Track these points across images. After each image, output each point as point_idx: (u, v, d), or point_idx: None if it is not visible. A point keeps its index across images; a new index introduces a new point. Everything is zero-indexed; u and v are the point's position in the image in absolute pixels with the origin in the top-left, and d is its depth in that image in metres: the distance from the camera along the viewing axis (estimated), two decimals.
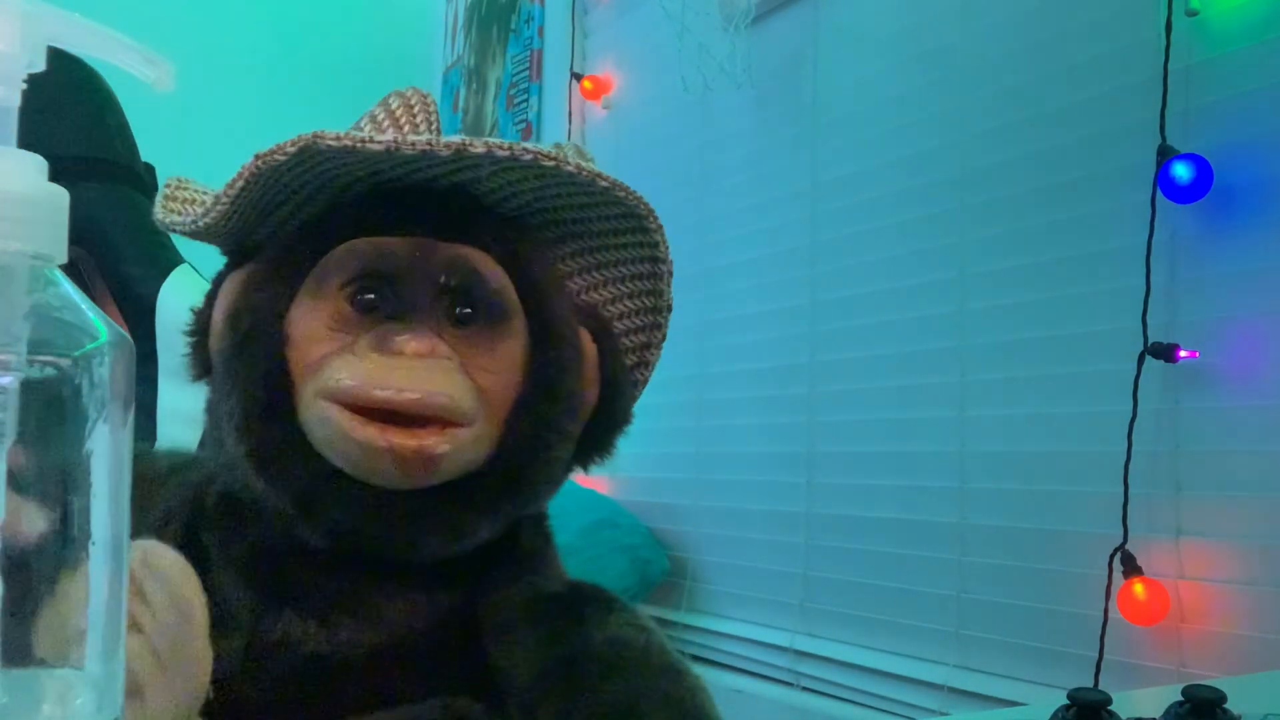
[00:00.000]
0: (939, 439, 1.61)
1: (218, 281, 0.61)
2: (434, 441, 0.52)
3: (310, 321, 0.55)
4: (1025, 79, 1.52)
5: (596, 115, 2.53)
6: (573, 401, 0.59)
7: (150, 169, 1.15)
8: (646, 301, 0.64)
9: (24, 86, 0.32)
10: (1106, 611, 1.30)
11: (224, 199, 0.54)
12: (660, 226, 0.60)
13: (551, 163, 0.53)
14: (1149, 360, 1.29)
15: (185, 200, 0.59)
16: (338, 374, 0.52)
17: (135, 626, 0.48)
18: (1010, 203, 1.52)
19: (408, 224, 0.56)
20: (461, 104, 3.23)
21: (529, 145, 0.53)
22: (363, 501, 0.54)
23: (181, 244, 1.09)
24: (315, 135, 0.51)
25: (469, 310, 0.56)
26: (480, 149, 0.52)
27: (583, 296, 0.64)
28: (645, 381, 0.66)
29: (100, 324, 0.32)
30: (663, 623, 2.11)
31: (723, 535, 2.05)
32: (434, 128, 0.61)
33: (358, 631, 0.55)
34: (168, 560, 0.50)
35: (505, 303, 0.57)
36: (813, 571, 1.83)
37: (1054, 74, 1.48)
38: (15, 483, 0.31)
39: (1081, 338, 1.41)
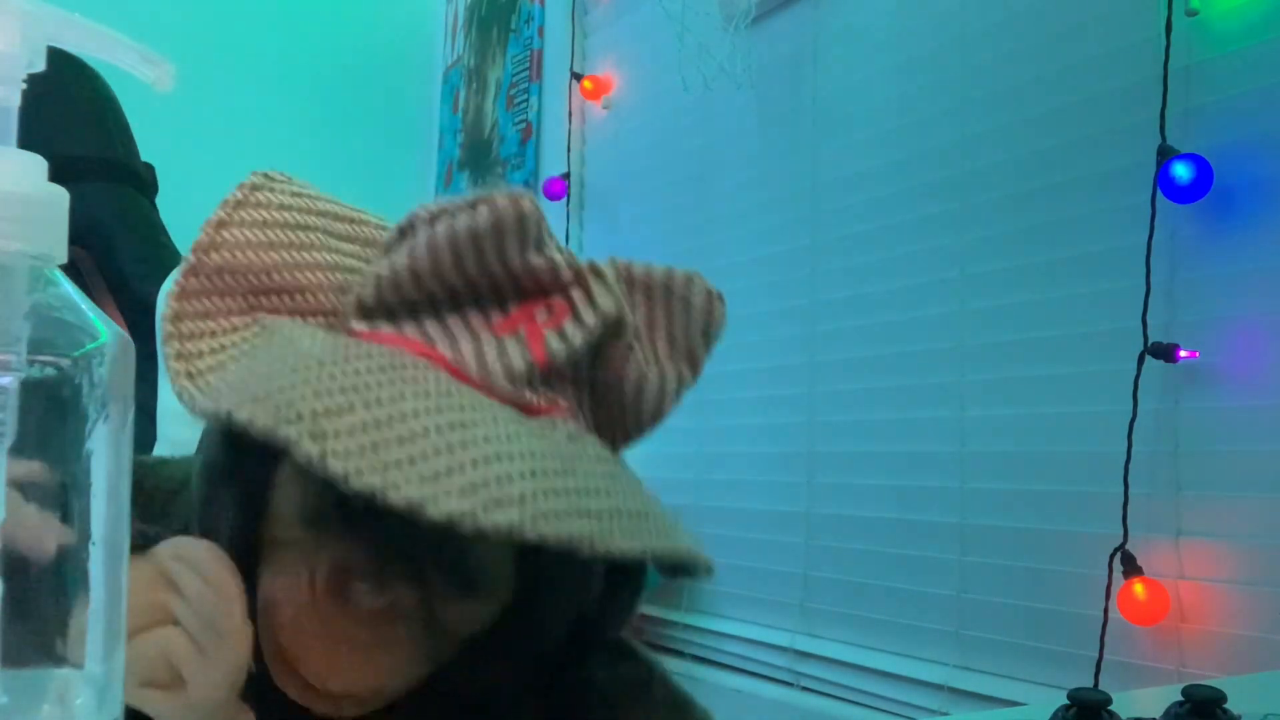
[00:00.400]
0: (939, 439, 1.61)
1: None
2: (348, 711, 0.49)
3: (290, 506, 0.48)
4: (1025, 79, 1.52)
5: (596, 115, 2.53)
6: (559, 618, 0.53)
7: (150, 168, 1.15)
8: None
9: (24, 86, 0.32)
10: (1106, 611, 1.30)
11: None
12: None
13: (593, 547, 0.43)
14: (1149, 360, 1.29)
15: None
16: (281, 626, 0.47)
17: (170, 620, 0.45)
18: (1010, 203, 1.52)
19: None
20: (461, 104, 3.23)
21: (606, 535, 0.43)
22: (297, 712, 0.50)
23: (181, 243, 1.09)
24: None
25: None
26: (549, 535, 0.39)
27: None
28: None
29: (100, 324, 0.32)
30: (663, 623, 2.11)
31: (723, 535, 2.04)
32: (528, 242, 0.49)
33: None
34: (198, 546, 0.47)
35: (494, 579, 0.49)
36: (813, 571, 1.83)
37: (1054, 74, 1.48)
38: (15, 483, 0.31)
39: (1081, 338, 1.41)
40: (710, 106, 2.10)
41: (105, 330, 0.32)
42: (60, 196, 0.32)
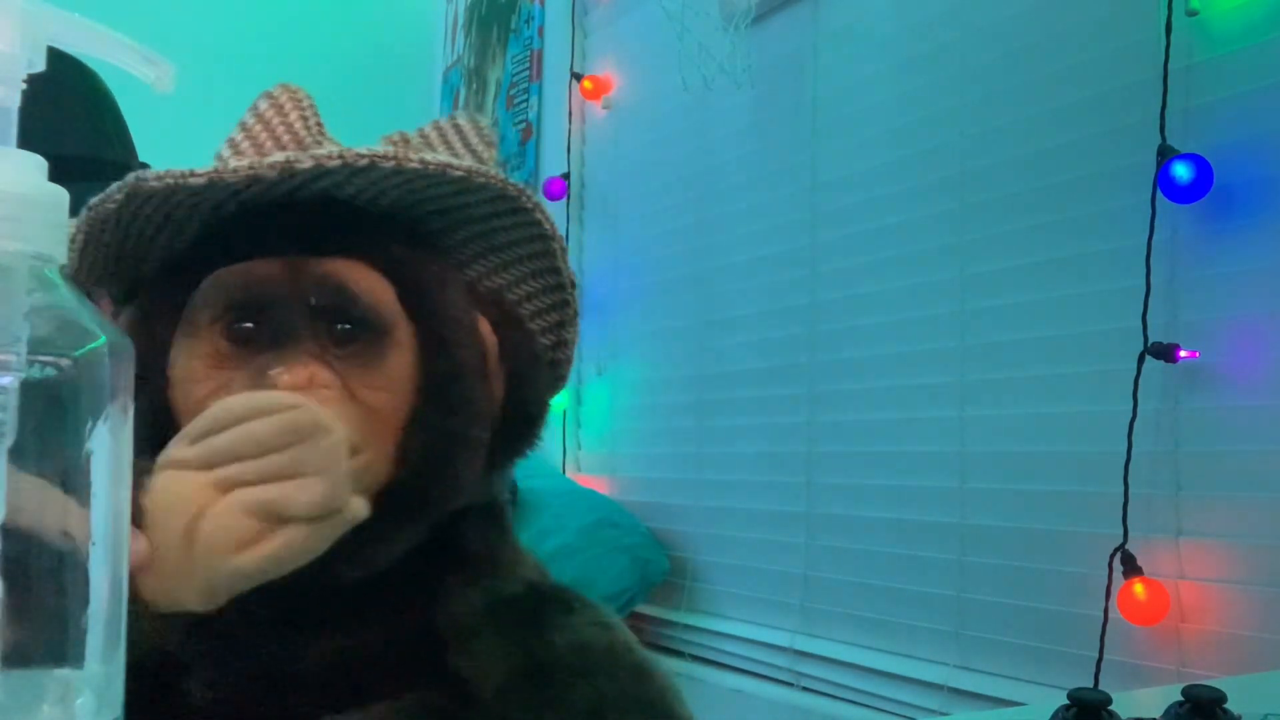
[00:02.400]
0: (939, 439, 1.61)
1: (115, 319, 0.59)
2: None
3: (189, 361, 0.53)
4: (1025, 79, 1.52)
5: (596, 115, 2.53)
6: (472, 408, 0.56)
7: (146, 168, 1.15)
8: (549, 280, 0.61)
9: (24, 87, 0.32)
10: (1106, 611, 1.30)
11: (71, 252, 0.52)
12: (538, 204, 0.57)
13: (391, 162, 0.51)
14: (1149, 360, 1.29)
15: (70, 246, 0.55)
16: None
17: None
18: (1010, 203, 1.52)
19: (275, 244, 0.54)
20: (461, 104, 3.23)
21: (369, 149, 0.52)
22: None
23: None
24: (138, 177, 0.50)
25: (348, 326, 0.53)
26: (308, 164, 0.49)
27: (484, 283, 0.61)
28: (567, 361, 0.64)
29: (100, 324, 0.32)
30: (663, 623, 2.11)
31: (723, 535, 2.04)
32: (310, 122, 0.59)
33: (315, 643, 0.55)
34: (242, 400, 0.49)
35: (380, 316, 0.54)
36: (813, 571, 1.83)
37: (1054, 74, 1.47)
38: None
39: (1081, 338, 1.41)
40: (710, 106, 2.10)
41: (104, 331, 0.32)
42: (60, 196, 0.32)
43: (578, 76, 2.56)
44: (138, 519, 0.44)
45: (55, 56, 0.33)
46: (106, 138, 1.09)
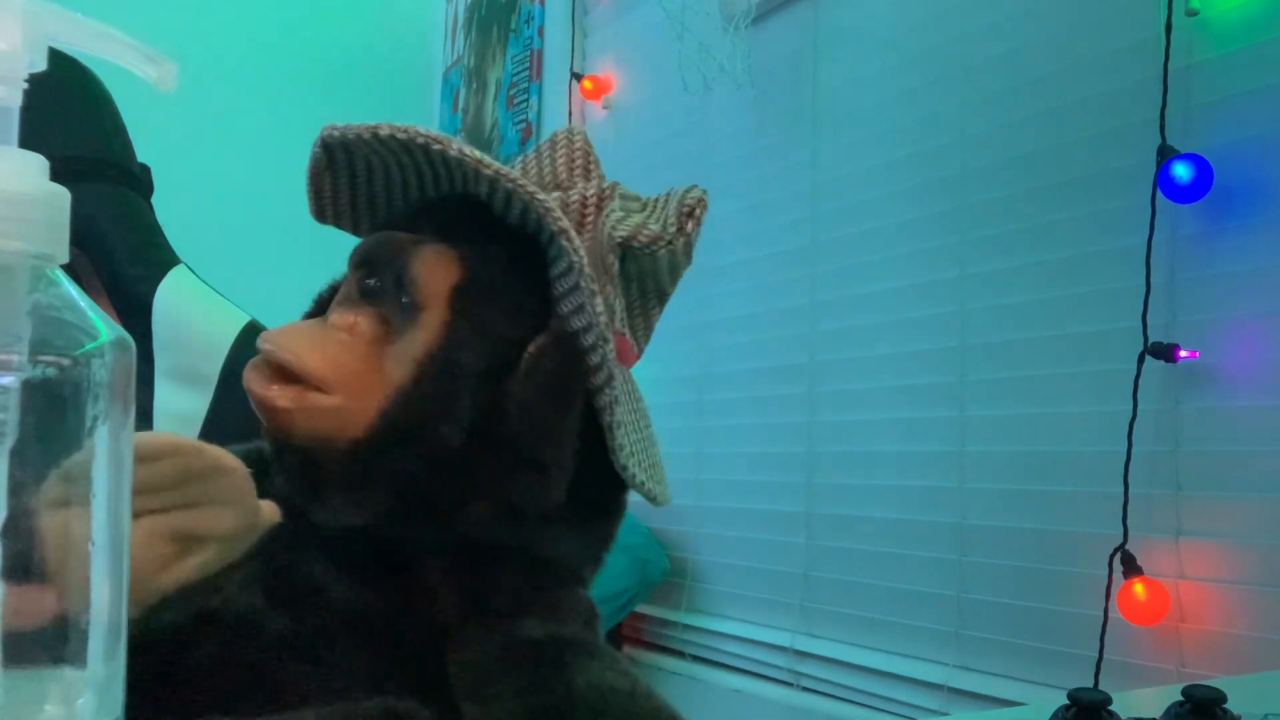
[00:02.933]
0: (939, 439, 1.61)
1: None
2: (278, 394, 0.56)
3: (339, 297, 0.63)
4: (1025, 79, 1.52)
5: (596, 115, 2.53)
6: (449, 405, 0.57)
7: (146, 169, 1.14)
8: (585, 320, 0.60)
9: (25, 86, 0.32)
10: (1106, 611, 1.30)
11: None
12: (576, 247, 0.59)
13: (509, 186, 0.59)
14: (1149, 360, 1.29)
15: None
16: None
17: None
18: (1010, 203, 1.52)
19: (420, 224, 0.62)
20: (461, 104, 3.23)
21: (500, 168, 0.58)
22: (284, 457, 0.59)
23: (177, 244, 1.09)
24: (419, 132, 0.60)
25: (408, 300, 0.59)
26: (453, 151, 0.60)
27: (569, 323, 0.60)
28: (610, 405, 0.61)
29: (101, 324, 0.32)
30: (663, 623, 2.11)
31: (723, 535, 2.04)
32: (575, 163, 0.69)
33: (308, 611, 0.57)
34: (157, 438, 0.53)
35: (419, 294, 0.59)
36: (813, 571, 1.83)
37: (1054, 74, 1.48)
38: (15, 483, 0.31)
39: (1081, 338, 1.41)
40: (710, 106, 2.10)
41: (106, 330, 0.32)
42: (62, 197, 0.32)
43: (578, 76, 2.56)
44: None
45: (52, 56, 0.33)
46: (104, 138, 1.09)
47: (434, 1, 3.47)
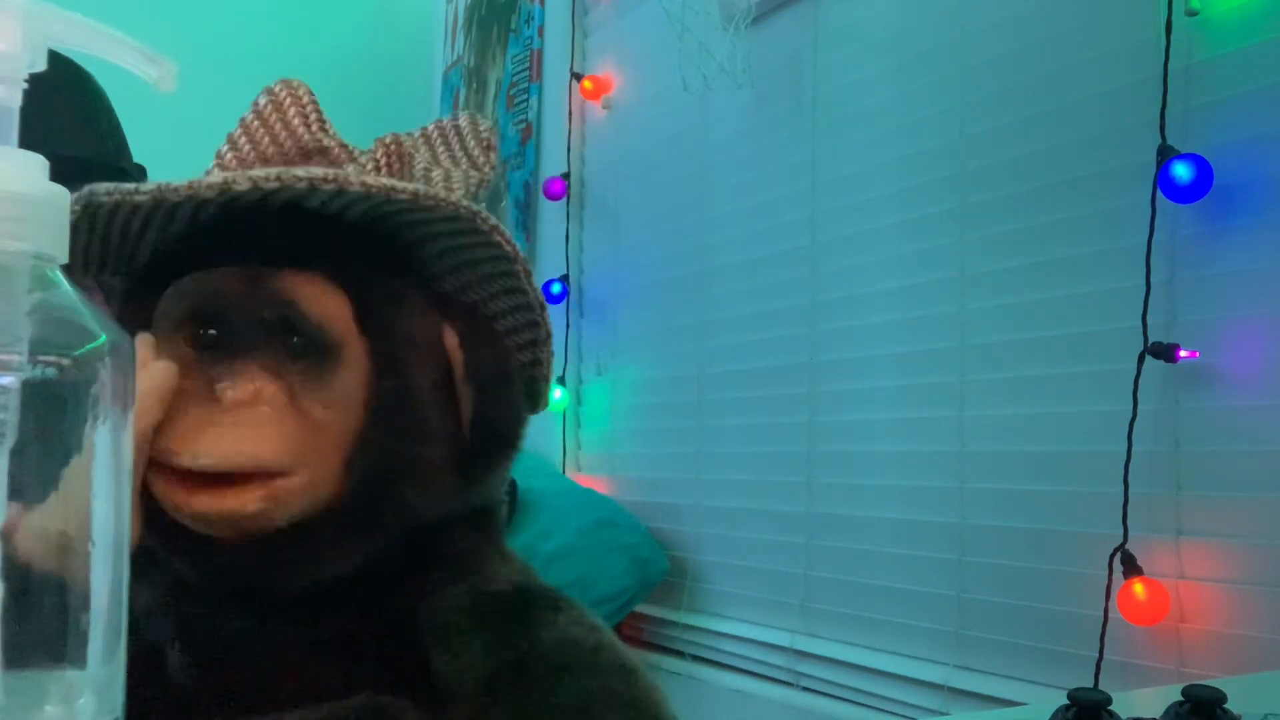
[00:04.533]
0: (939, 439, 1.61)
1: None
2: (245, 501, 0.51)
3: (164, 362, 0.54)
4: (1025, 79, 1.52)
5: (596, 115, 2.53)
6: (422, 428, 0.56)
7: (141, 170, 1.14)
8: (518, 299, 0.60)
9: (25, 86, 0.32)
10: (1106, 611, 1.30)
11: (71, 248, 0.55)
12: (495, 226, 0.56)
13: (332, 185, 0.51)
14: (1149, 360, 1.29)
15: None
16: (160, 437, 0.51)
17: None
18: (1010, 203, 1.52)
19: (242, 252, 0.54)
20: (461, 104, 3.23)
21: (309, 171, 0.51)
22: (206, 549, 0.53)
23: None
24: (90, 190, 0.50)
25: (302, 341, 0.53)
26: (244, 185, 0.50)
27: (459, 297, 0.60)
28: (544, 380, 0.63)
29: (100, 324, 0.32)
30: (663, 623, 2.11)
31: (723, 535, 2.04)
32: (310, 119, 0.59)
33: (280, 629, 0.55)
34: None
35: (330, 334, 0.54)
36: (813, 571, 1.83)
37: (1054, 74, 1.47)
38: (15, 483, 0.31)
39: (1081, 338, 1.41)
40: (710, 106, 2.10)
41: (105, 331, 0.32)
42: (61, 196, 0.32)
43: (578, 76, 2.56)
44: None
45: (50, 58, 0.33)
46: (99, 138, 1.09)
47: (434, 1, 3.47)
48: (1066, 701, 0.63)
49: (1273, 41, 1.23)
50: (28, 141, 0.32)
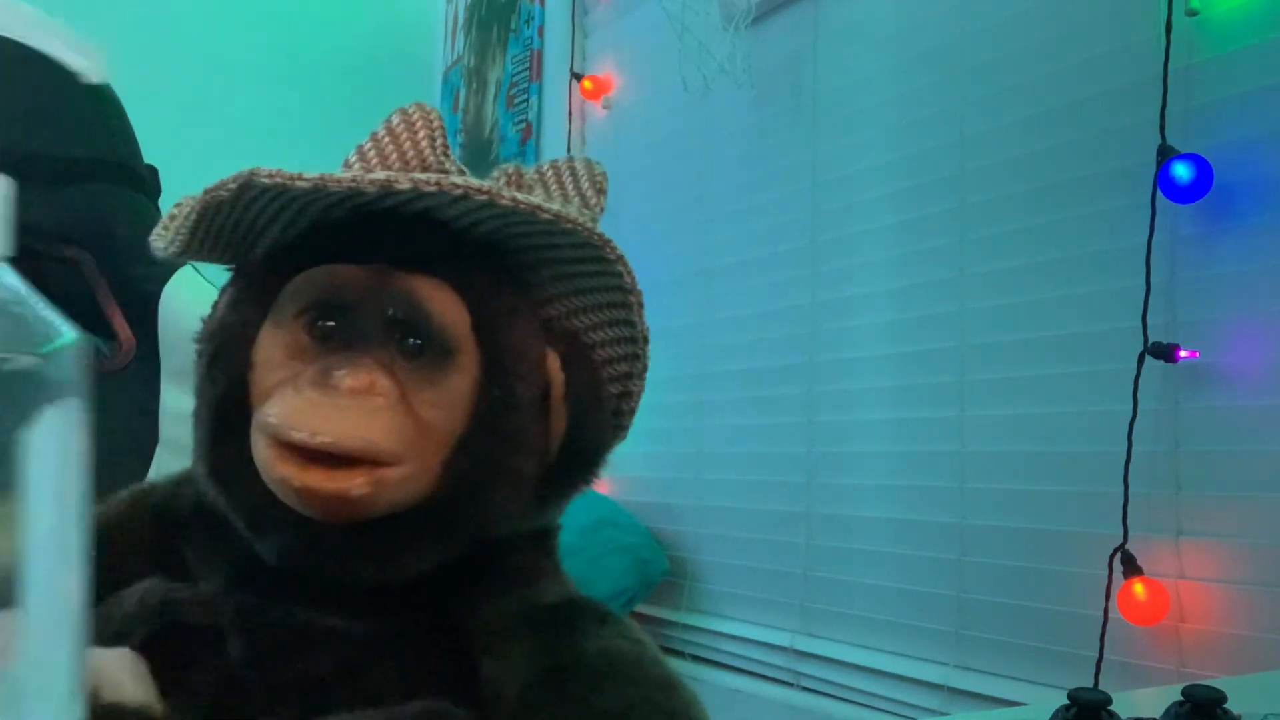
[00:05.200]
0: (939, 439, 1.61)
1: (221, 293, 0.61)
2: (353, 484, 0.52)
3: (271, 348, 0.56)
4: (1025, 79, 1.51)
5: (596, 115, 2.53)
6: (520, 439, 0.57)
7: (153, 170, 1.15)
8: (623, 331, 0.62)
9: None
10: (1106, 611, 1.30)
11: (180, 230, 0.55)
12: (620, 256, 0.58)
13: (484, 196, 0.52)
14: (1149, 360, 1.29)
15: (168, 223, 0.58)
16: (270, 408, 0.53)
17: None
18: (1010, 203, 1.52)
19: (369, 252, 0.56)
20: (461, 104, 3.23)
21: (466, 180, 0.52)
22: (297, 530, 0.54)
23: None
24: (253, 171, 0.51)
25: (418, 343, 0.55)
26: (405, 185, 0.51)
27: (563, 323, 0.62)
28: (631, 413, 0.65)
29: (54, 319, 0.32)
30: (663, 623, 2.11)
31: (723, 535, 2.04)
32: (437, 144, 0.60)
33: (345, 626, 0.56)
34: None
35: (450, 338, 0.55)
36: (813, 571, 1.83)
37: (1054, 74, 1.47)
38: None
39: (1081, 338, 1.41)
40: (710, 106, 2.10)
41: (59, 326, 0.32)
42: (7, 187, 0.31)
43: (578, 76, 2.56)
44: None
45: (58, 60, 0.32)
46: (111, 139, 1.09)
47: (434, 1, 3.47)
48: (1066, 702, 0.63)
49: (1273, 41, 1.23)
50: (39, 143, 0.32)
